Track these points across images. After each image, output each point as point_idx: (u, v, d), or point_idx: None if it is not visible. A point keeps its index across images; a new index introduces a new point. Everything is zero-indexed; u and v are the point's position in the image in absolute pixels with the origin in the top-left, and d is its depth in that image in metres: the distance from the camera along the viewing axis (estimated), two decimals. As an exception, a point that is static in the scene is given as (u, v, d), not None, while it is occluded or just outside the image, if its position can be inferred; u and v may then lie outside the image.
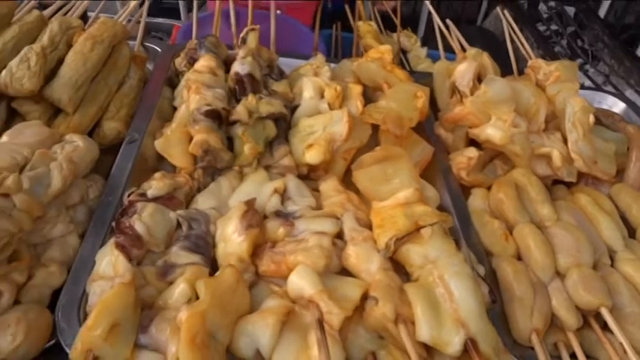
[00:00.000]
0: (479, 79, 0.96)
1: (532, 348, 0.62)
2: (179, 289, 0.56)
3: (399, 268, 0.64)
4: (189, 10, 1.77)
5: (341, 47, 1.23)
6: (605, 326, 0.65)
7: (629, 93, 1.47)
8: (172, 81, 0.95)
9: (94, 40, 0.83)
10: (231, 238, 0.63)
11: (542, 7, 2.03)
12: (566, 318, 0.64)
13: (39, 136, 0.67)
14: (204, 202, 0.72)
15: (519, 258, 0.71)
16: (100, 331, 0.48)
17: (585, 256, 0.69)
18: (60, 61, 0.81)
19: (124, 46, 0.90)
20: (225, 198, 0.74)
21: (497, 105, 0.86)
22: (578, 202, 0.80)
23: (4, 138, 0.66)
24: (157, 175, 0.73)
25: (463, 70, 0.92)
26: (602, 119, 0.98)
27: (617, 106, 1.13)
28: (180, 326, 0.49)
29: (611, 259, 0.73)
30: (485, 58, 1.01)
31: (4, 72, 0.74)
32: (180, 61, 0.97)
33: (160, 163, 0.81)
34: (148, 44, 1.01)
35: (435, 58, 1.28)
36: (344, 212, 0.70)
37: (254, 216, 0.66)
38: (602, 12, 1.94)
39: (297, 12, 1.54)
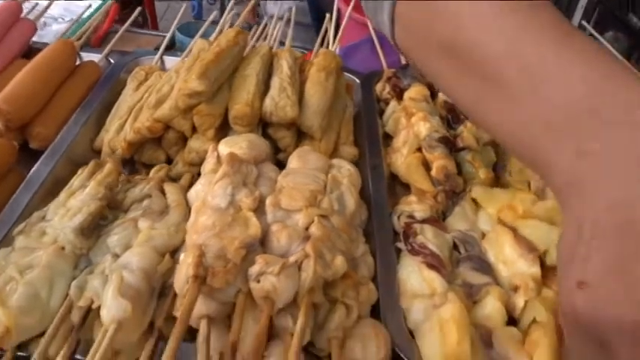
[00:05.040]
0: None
1: None
2: (494, 308, 0.60)
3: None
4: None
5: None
6: None
7: None
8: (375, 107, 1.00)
9: (326, 70, 0.89)
10: (516, 261, 0.66)
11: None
12: None
13: (320, 161, 0.72)
14: (457, 224, 0.76)
15: None
16: (467, 346, 0.52)
17: None
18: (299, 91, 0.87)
19: (341, 75, 0.95)
20: (472, 220, 0.78)
21: None
22: None
23: (294, 164, 0.71)
24: (412, 198, 0.77)
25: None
26: None
27: None
28: (534, 345, 0.53)
29: None
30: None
31: (267, 101, 0.80)
32: (380, 89, 1.03)
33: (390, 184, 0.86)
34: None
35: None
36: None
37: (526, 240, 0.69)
38: None
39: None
